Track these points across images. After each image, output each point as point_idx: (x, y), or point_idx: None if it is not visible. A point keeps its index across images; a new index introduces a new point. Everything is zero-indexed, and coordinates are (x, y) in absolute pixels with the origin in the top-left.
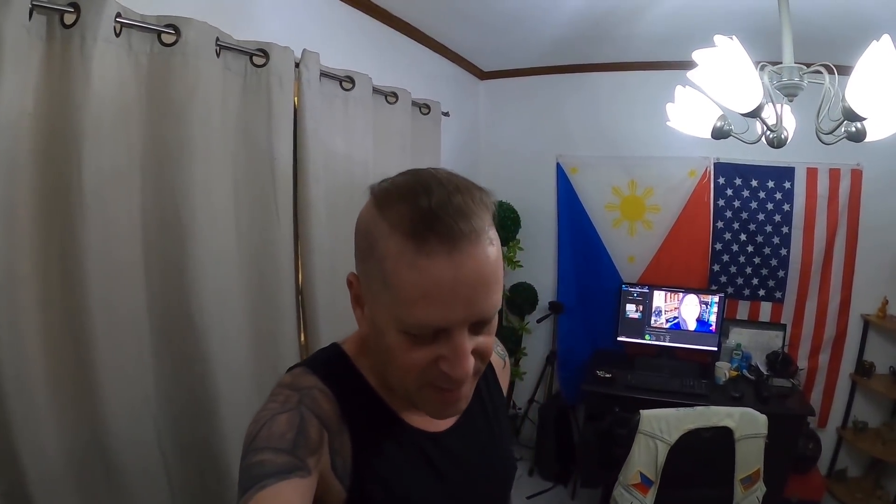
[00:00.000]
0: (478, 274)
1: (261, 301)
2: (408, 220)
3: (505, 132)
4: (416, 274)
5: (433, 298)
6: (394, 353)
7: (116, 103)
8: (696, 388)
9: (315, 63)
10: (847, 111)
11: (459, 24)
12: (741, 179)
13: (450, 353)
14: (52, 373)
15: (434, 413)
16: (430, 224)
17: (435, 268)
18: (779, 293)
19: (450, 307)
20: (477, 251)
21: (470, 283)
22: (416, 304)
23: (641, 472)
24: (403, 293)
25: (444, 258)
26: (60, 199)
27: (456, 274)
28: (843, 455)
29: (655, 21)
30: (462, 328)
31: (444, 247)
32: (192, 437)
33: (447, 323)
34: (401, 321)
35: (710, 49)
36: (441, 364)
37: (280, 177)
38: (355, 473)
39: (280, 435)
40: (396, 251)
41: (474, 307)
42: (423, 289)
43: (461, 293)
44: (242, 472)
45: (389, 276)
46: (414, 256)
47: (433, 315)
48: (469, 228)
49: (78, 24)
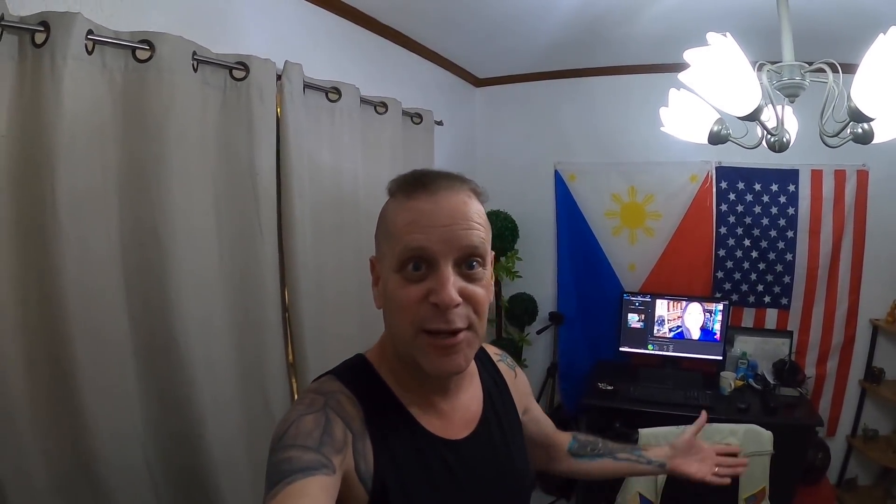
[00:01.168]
0: (454, 209)
1: (246, 321)
2: (403, 184)
3: (502, 140)
4: (406, 213)
5: (416, 224)
6: (393, 297)
7: (91, 122)
8: (701, 399)
9: (298, 75)
10: (853, 112)
11: (451, 32)
12: (744, 183)
13: (436, 283)
14: (34, 398)
15: (433, 364)
16: (417, 180)
17: (418, 203)
18: (785, 299)
19: (430, 230)
20: (453, 195)
21: (447, 214)
22: (404, 231)
23: (640, 494)
24: (397, 229)
25: (425, 197)
26: (36, 222)
27: (434, 206)
28: (853, 464)
29: (650, 23)
30: (446, 261)
31: (426, 190)
32: (182, 461)
33: (429, 244)
34: (396, 257)
35: (703, 48)
36: (430, 297)
37: (263, 193)
38: (377, 477)
39: (307, 433)
40: (394, 207)
41: (453, 234)
42: (409, 219)
43: (439, 221)
44: (270, 467)
45: (389, 226)
46: (404, 201)
47: (417, 238)
48: (448, 183)
49: (48, 43)
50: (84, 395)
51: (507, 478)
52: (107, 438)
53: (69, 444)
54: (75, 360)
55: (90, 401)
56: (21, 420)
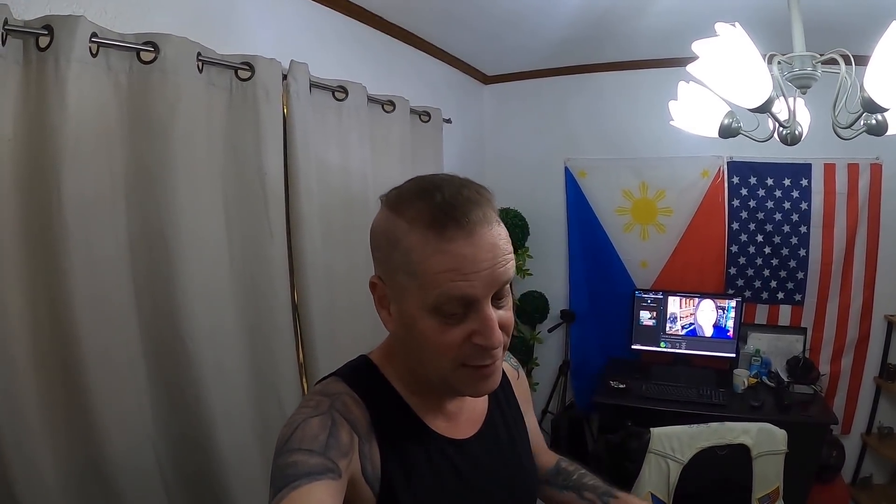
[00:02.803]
0: (493, 247)
1: (257, 323)
2: (427, 214)
3: (511, 137)
4: (442, 256)
5: (459, 272)
6: (428, 339)
7: (96, 124)
8: (714, 397)
9: (304, 74)
10: (867, 102)
11: (458, 29)
12: (756, 178)
13: (480, 325)
14: (44, 400)
15: (472, 391)
16: (448, 214)
17: (457, 248)
18: (798, 295)
19: (474, 277)
20: (489, 230)
21: (488, 255)
22: (444, 280)
23: (653, 494)
24: (433, 274)
25: (464, 240)
26: (43, 225)
27: (475, 250)
28: (868, 462)
29: (658, 16)
30: (487, 300)
31: (462, 231)
32: (193, 463)
33: (473, 291)
34: (432, 302)
35: (712, 39)
36: (474, 338)
37: (271, 192)
38: (384, 479)
39: (312, 437)
40: (421, 242)
41: (494, 275)
42: (449, 266)
43: (482, 265)
44: (276, 471)
45: (417, 265)
46: (437, 243)
47: (461, 286)
48: (481, 214)
49: (52, 46)
50: (94, 397)
51: (515, 476)
52: (117, 440)
53: (80, 446)
54: (84, 362)
55: (100, 403)
56: (32, 422)
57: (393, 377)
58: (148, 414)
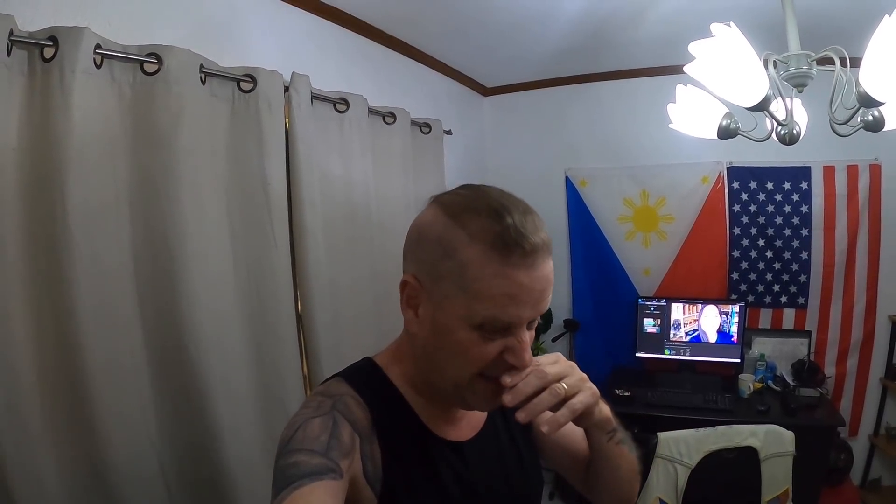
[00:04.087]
0: (546, 279)
1: (261, 332)
2: (493, 235)
3: (511, 148)
4: (502, 280)
5: (514, 298)
6: (463, 350)
7: (100, 135)
8: (720, 402)
9: (305, 86)
10: (863, 97)
11: (457, 41)
12: (756, 182)
13: (515, 345)
14: (47, 407)
15: (482, 404)
16: (517, 241)
17: (518, 275)
18: (801, 299)
19: (525, 305)
20: (545, 262)
21: (541, 286)
22: (499, 303)
23: (661, 499)
24: (488, 295)
25: (525, 269)
26: (47, 234)
27: (532, 280)
28: (877, 463)
29: (654, 25)
30: (525, 323)
31: (525, 260)
32: (197, 472)
33: (521, 319)
34: (479, 320)
35: (707, 39)
36: (507, 355)
37: (275, 203)
38: (385, 480)
39: (314, 437)
40: (481, 260)
41: (539, 305)
42: (507, 291)
43: (534, 295)
44: (277, 472)
45: (472, 281)
46: (500, 267)
47: (513, 312)
48: (542, 244)
49: (57, 57)
50: (97, 407)
51: (515, 479)
52: (121, 450)
53: (83, 456)
54: (88, 371)
55: (104, 412)
56: (35, 431)
57: (397, 379)
58: (152, 424)
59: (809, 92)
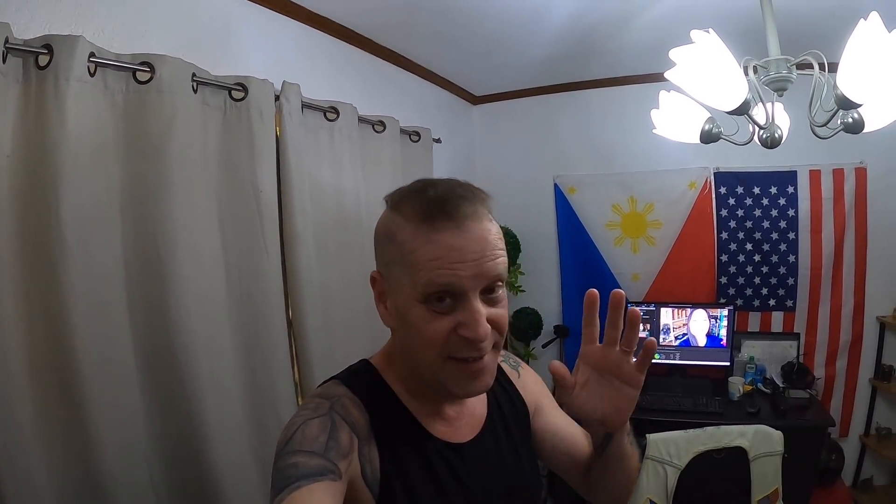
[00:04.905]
0: (482, 240)
1: (253, 338)
2: (420, 208)
3: (500, 156)
4: (430, 245)
5: (445, 259)
6: (418, 329)
7: (94, 143)
8: (710, 405)
9: (296, 94)
10: (841, 99)
11: (446, 50)
12: (743, 187)
13: (466, 317)
14: (39, 413)
15: (461, 388)
16: (439, 207)
17: (445, 237)
18: (790, 301)
19: (460, 267)
20: (479, 225)
21: (476, 247)
22: (431, 267)
23: (651, 500)
24: (421, 263)
25: (453, 231)
26: (41, 240)
27: (464, 241)
28: (868, 464)
29: (640, 32)
30: (474, 292)
31: (452, 223)
32: (187, 477)
33: (459, 280)
34: (420, 291)
35: (687, 46)
36: (460, 330)
37: (266, 210)
38: (383, 481)
39: (312, 438)
40: (413, 234)
41: (481, 268)
42: (436, 255)
43: (469, 256)
44: (276, 473)
45: (408, 255)
46: (428, 234)
47: (447, 274)
48: (471, 209)
49: (51, 65)
50: (89, 412)
51: (514, 481)
52: (112, 453)
53: (74, 461)
54: (80, 375)
55: (95, 415)
56: (26, 436)
57: (393, 380)
58: (142, 428)
59: (792, 97)
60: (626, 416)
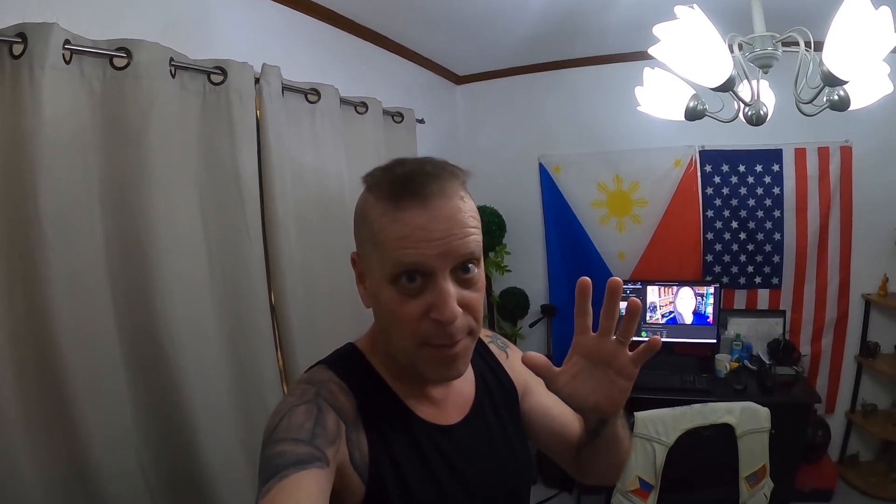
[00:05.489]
0: (448, 218)
1: (237, 325)
2: (387, 187)
3: (485, 136)
4: (396, 225)
5: (409, 238)
6: (390, 311)
7: (71, 131)
8: (697, 383)
9: (276, 77)
10: (826, 76)
11: (428, 30)
12: (728, 166)
13: (436, 297)
14: (25, 406)
15: (435, 374)
16: (403, 185)
17: (409, 216)
18: (775, 279)
19: (425, 245)
20: (446, 202)
21: (442, 226)
22: (396, 247)
23: (640, 478)
24: (388, 242)
25: (417, 209)
26: (20, 232)
27: (428, 219)
28: (854, 440)
29: (625, 10)
30: (444, 273)
31: (416, 200)
32: (177, 467)
33: (425, 259)
34: (389, 270)
35: (672, 22)
36: (431, 312)
37: (248, 195)
38: (372, 466)
39: (299, 426)
40: (381, 213)
41: (448, 246)
42: (402, 234)
43: (435, 235)
44: (263, 462)
45: (377, 234)
46: (394, 212)
47: (411, 253)
48: (438, 187)
49: (26, 54)
50: (75, 403)
51: (504, 461)
52: (100, 445)
53: (63, 452)
54: (65, 367)
55: (82, 408)
56: (13, 431)
57: (378, 364)
58: (129, 420)
59: (777, 75)
60: (619, 406)
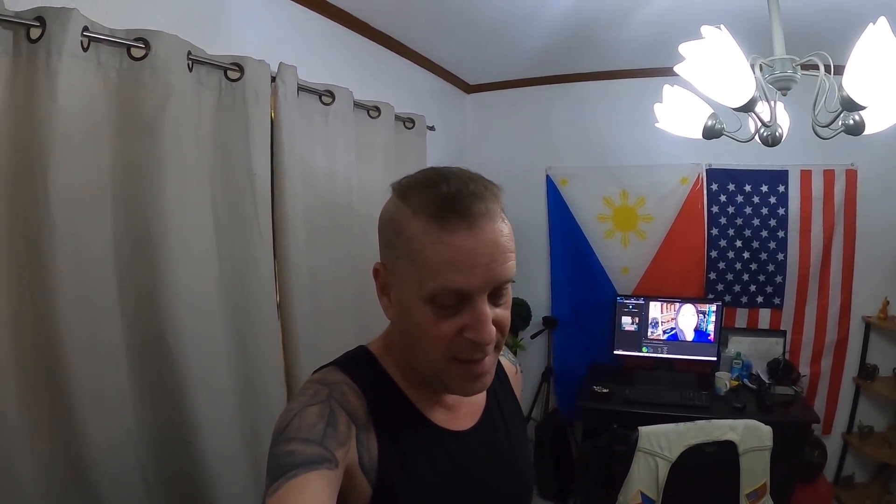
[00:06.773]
0: (494, 243)
1: (244, 323)
2: (431, 204)
3: (493, 146)
4: (441, 247)
5: (456, 264)
6: (422, 328)
7: (85, 119)
8: (697, 399)
9: (292, 77)
10: (846, 101)
11: (442, 38)
12: (734, 185)
13: (473, 320)
14: (25, 401)
15: (461, 388)
16: (451, 206)
17: (457, 240)
18: (777, 299)
19: (471, 272)
20: (492, 226)
21: (487, 251)
22: (442, 271)
23: (642, 492)
24: (430, 264)
25: (465, 232)
26: (28, 219)
27: (475, 244)
28: (850, 461)
29: (640, 27)
30: (482, 295)
31: (464, 223)
32: (177, 467)
33: (469, 286)
34: (428, 291)
35: (698, 41)
36: (466, 332)
37: (260, 193)
38: (380, 469)
39: (310, 426)
40: (422, 231)
41: (492, 272)
42: (447, 257)
43: (480, 260)
44: (272, 460)
45: (416, 253)
46: (439, 234)
47: (458, 279)
48: (484, 209)
49: (43, 38)
50: (76, 399)
51: (511, 470)
52: (99, 443)
53: (62, 449)
54: (67, 361)
55: (82, 404)
56: (12, 424)
57: (391, 368)
58: (130, 416)
59: (792, 95)
60: None
